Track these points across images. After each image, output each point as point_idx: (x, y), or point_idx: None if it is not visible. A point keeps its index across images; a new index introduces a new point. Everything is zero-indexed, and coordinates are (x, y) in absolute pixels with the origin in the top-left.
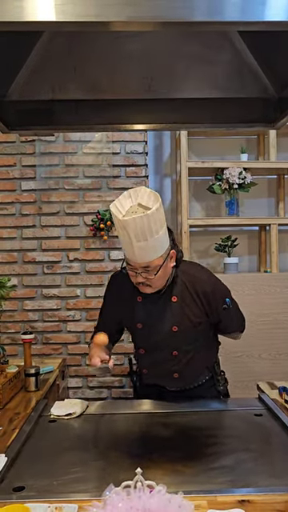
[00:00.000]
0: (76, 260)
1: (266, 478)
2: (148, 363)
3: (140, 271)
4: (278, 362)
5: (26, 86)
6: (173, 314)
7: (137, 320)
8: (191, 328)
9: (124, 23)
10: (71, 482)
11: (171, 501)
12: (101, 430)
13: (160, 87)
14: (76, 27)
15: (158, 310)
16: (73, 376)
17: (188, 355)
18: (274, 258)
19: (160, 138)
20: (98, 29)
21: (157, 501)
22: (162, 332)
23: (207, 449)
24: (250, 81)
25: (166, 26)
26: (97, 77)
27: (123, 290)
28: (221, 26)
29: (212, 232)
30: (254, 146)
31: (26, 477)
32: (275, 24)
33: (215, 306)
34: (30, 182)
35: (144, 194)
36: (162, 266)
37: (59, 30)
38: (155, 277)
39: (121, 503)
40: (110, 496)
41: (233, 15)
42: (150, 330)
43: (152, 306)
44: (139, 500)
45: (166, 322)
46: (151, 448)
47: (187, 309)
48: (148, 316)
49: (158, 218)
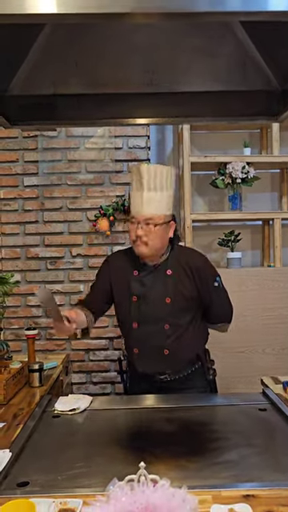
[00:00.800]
0: (79, 255)
1: (271, 473)
2: (139, 339)
3: (142, 224)
4: (281, 356)
5: (28, 80)
6: (167, 287)
7: (132, 293)
8: (183, 301)
9: (127, 15)
10: (75, 477)
11: (175, 495)
12: (104, 425)
13: (162, 81)
14: (78, 19)
15: (153, 282)
16: (76, 371)
17: (178, 331)
18: (278, 252)
19: (162, 132)
20: (101, 21)
21: (160, 495)
22: (156, 303)
23: (211, 444)
24: (253, 73)
25: (169, 18)
26: (98, 71)
27: (119, 267)
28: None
29: (215, 227)
30: (256, 140)
31: (30, 472)
32: (278, 14)
33: (206, 282)
34: (32, 177)
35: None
36: (161, 225)
37: (60, 24)
38: (154, 230)
39: (124, 497)
40: (114, 490)
41: (235, 5)
42: (145, 301)
43: (147, 279)
44: (143, 494)
45: (160, 294)
46: (155, 443)
47: (180, 283)
48: (143, 289)
49: (168, 176)
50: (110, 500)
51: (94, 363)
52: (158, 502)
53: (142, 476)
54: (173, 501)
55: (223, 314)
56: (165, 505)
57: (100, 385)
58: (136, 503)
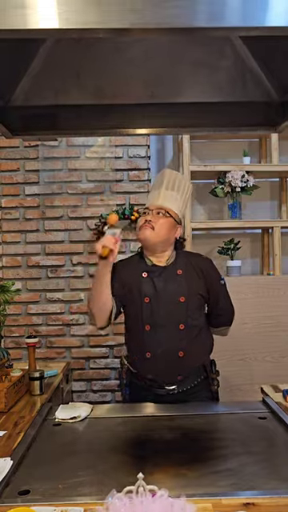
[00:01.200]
0: (79, 264)
1: (271, 481)
2: (153, 342)
3: (153, 212)
4: (281, 364)
5: (30, 91)
6: (179, 286)
7: (144, 294)
8: (197, 299)
9: (127, 30)
10: (76, 485)
11: (174, 505)
12: (105, 434)
13: (163, 92)
14: (79, 34)
15: (165, 282)
16: (77, 380)
17: (193, 332)
18: (277, 260)
19: (162, 141)
20: (101, 36)
21: (159, 505)
22: (170, 303)
23: (211, 452)
24: (253, 85)
25: (169, 33)
26: (100, 82)
27: (127, 271)
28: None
29: (215, 235)
30: (256, 149)
31: (31, 480)
32: (276, 29)
33: (213, 280)
34: (33, 186)
35: None
36: (170, 217)
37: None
38: (163, 218)
39: (123, 509)
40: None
41: (234, 21)
42: (158, 302)
43: (158, 279)
44: (141, 505)
45: (174, 293)
46: (155, 451)
47: (192, 280)
48: (155, 289)
49: (188, 188)
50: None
51: (94, 371)
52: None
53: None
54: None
55: (226, 315)
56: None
57: (100, 393)
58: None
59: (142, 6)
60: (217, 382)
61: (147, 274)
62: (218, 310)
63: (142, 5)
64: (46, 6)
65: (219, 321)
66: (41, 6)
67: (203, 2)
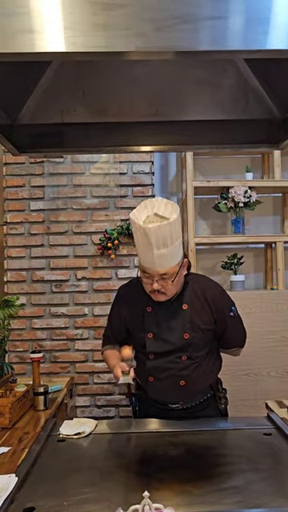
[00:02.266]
0: (84, 279)
1: (277, 499)
2: (156, 368)
3: (157, 279)
4: (286, 379)
5: (37, 110)
6: (184, 322)
7: (147, 330)
8: (201, 335)
9: (132, 53)
10: (81, 502)
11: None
12: (110, 450)
13: (166, 110)
14: (85, 57)
15: (169, 318)
16: (81, 395)
17: (196, 362)
18: (281, 275)
19: (166, 157)
20: (107, 59)
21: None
22: (174, 340)
23: (216, 469)
24: (255, 103)
25: (173, 56)
26: (105, 101)
27: (132, 300)
28: (225, 55)
29: (218, 250)
30: (258, 164)
31: (36, 497)
32: (278, 52)
33: (222, 312)
34: (38, 202)
35: (161, 204)
36: (177, 274)
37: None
38: (172, 284)
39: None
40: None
41: (236, 44)
42: (161, 338)
43: (162, 314)
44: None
45: (178, 330)
46: (160, 468)
47: (197, 316)
48: (159, 325)
49: (178, 226)
50: None
51: (98, 386)
52: None
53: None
54: None
55: (237, 340)
56: None
57: (104, 408)
58: None
59: (146, 31)
60: (224, 400)
61: (151, 309)
62: (227, 338)
63: (146, 29)
64: (53, 30)
65: (229, 344)
66: (48, 31)
67: (206, 26)
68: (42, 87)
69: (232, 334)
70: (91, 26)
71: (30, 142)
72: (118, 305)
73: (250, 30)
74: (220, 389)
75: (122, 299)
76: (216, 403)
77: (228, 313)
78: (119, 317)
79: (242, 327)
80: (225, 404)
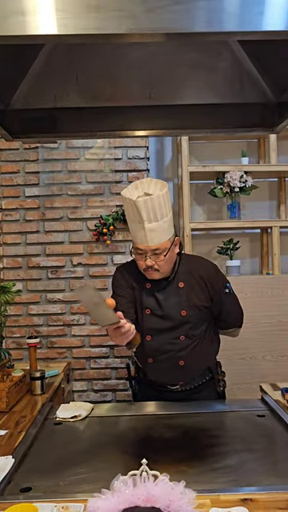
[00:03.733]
0: (80, 265)
1: (269, 478)
2: (154, 349)
3: (150, 254)
4: (281, 363)
5: (29, 94)
6: (181, 299)
7: (145, 305)
8: (198, 312)
9: (124, 36)
10: (77, 482)
11: (174, 488)
12: (105, 432)
13: (161, 94)
14: (77, 40)
15: (167, 295)
16: (78, 379)
17: (194, 341)
18: (276, 260)
19: (161, 142)
20: (99, 41)
21: (160, 488)
22: (172, 317)
23: (211, 449)
24: (249, 86)
25: (166, 38)
26: (98, 85)
27: (130, 278)
28: (220, 37)
29: (214, 235)
30: (254, 149)
31: (32, 478)
32: (273, 33)
33: (218, 289)
34: (33, 188)
35: (150, 183)
36: (169, 250)
37: (61, 42)
38: (164, 259)
39: (127, 490)
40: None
41: (231, 26)
42: (158, 315)
43: (160, 292)
44: (144, 487)
45: (175, 307)
46: (155, 449)
47: (194, 293)
48: (156, 302)
49: (166, 201)
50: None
51: (94, 371)
52: (159, 494)
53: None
54: (172, 493)
55: (234, 319)
56: (165, 496)
57: (101, 392)
58: (138, 495)
59: (138, 12)
60: (223, 382)
61: (150, 286)
62: (223, 316)
63: (138, 11)
64: (45, 12)
65: (227, 324)
66: (40, 13)
67: (198, 7)
68: (34, 71)
69: (228, 311)
70: (83, 8)
71: (23, 127)
72: (118, 280)
73: (244, 10)
74: (219, 371)
75: (122, 275)
76: (214, 386)
77: (223, 290)
78: (122, 294)
79: (238, 305)
80: (223, 386)
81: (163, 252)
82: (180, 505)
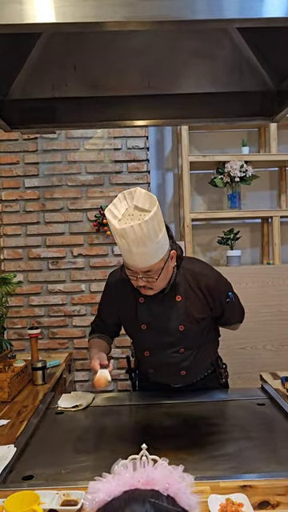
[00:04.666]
0: (80, 255)
1: (268, 465)
2: (154, 364)
3: (141, 276)
4: (281, 352)
5: (28, 84)
6: (179, 313)
7: (141, 321)
8: (196, 325)
9: (121, 23)
10: (78, 470)
11: (172, 472)
12: (106, 421)
13: (160, 83)
14: (75, 28)
15: (163, 310)
16: (79, 370)
17: (194, 351)
18: (277, 250)
19: (161, 132)
20: (96, 29)
21: (159, 471)
22: (169, 332)
23: (210, 437)
24: (249, 75)
25: (163, 26)
26: (97, 74)
27: (123, 291)
28: (219, 24)
29: (214, 225)
30: (255, 138)
31: (34, 466)
32: (273, 20)
33: (218, 300)
34: (33, 179)
35: (140, 196)
36: (163, 269)
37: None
38: (157, 280)
39: (128, 473)
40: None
41: (231, 13)
42: (156, 330)
43: (156, 306)
44: (144, 471)
45: (173, 322)
46: (155, 437)
47: (192, 307)
48: (152, 316)
49: (157, 221)
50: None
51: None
52: (158, 477)
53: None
54: (171, 476)
55: (235, 319)
56: (163, 480)
57: None
58: (138, 478)
59: (136, 0)
60: (225, 374)
61: (144, 300)
62: (225, 319)
63: None
64: (42, 0)
65: (228, 323)
66: (37, 1)
67: None
68: (32, 61)
69: (229, 316)
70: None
71: (22, 117)
72: (108, 294)
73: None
74: (220, 364)
75: (112, 288)
76: (217, 378)
77: (224, 300)
78: (110, 307)
79: (239, 307)
80: (225, 378)
81: (156, 274)
82: (178, 487)
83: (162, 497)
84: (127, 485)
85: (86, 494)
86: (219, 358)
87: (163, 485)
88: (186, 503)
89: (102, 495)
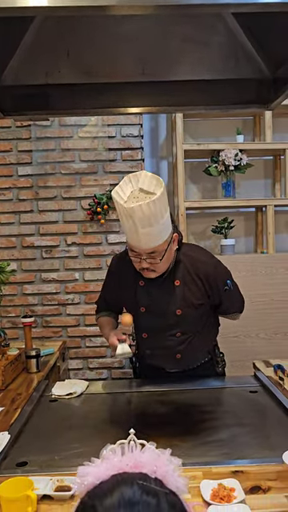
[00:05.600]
0: (74, 244)
1: (260, 450)
2: (151, 346)
3: (145, 257)
4: (274, 341)
5: (20, 70)
6: (176, 298)
7: (140, 304)
8: (194, 310)
9: (116, 7)
10: (71, 456)
11: (160, 455)
12: (100, 409)
13: (154, 70)
14: (68, 12)
15: (162, 293)
16: (73, 358)
17: (191, 336)
18: (271, 238)
19: (156, 120)
20: (89, 13)
21: (147, 455)
22: (166, 315)
23: (203, 424)
24: (244, 62)
25: (158, 10)
26: (90, 60)
27: (124, 273)
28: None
29: (209, 214)
30: (250, 127)
31: (28, 453)
32: (269, 5)
33: (216, 288)
34: (26, 167)
35: (145, 179)
36: (166, 250)
37: (51, 14)
38: (160, 262)
39: (116, 457)
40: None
41: None
42: (154, 313)
43: (155, 289)
44: (132, 454)
45: (170, 306)
46: (149, 424)
47: (190, 292)
48: (151, 300)
49: (163, 202)
50: (103, 460)
51: (90, 349)
52: (145, 461)
53: (132, 441)
54: (158, 460)
55: (234, 308)
56: (151, 463)
57: (96, 370)
58: (126, 462)
59: None
60: (222, 363)
61: (144, 283)
62: (223, 307)
63: None
64: None
65: (227, 312)
66: None
67: None
68: (24, 46)
69: (228, 304)
70: None
71: (15, 104)
72: (110, 276)
73: None
74: (217, 353)
75: (115, 271)
76: (214, 366)
77: (222, 288)
78: (112, 289)
79: (239, 296)
80: (222, 367)
81: (159, 255)
82: (166, 470)
83: (150, 479)
84: (115, 468)
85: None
86: (216, 347)
87: (151, 468)
88: (174, 485)
89: (91, 479)
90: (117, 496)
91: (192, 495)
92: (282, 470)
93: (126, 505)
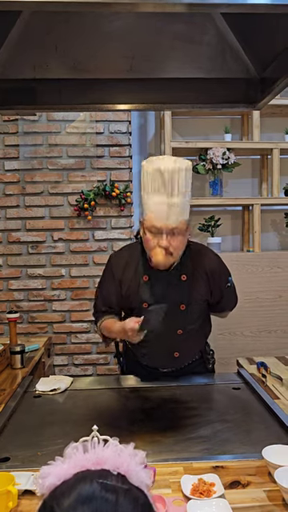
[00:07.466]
0: (60, 240)
1: (241, 446)
2: (149, 343)
3: (167, 232)
4: (259, 338)
5: (7, 64)
6: (181, 293)
7: (143, 299)
8: (197, 306)
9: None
10: (54, 452)
11: (123, 450)
12: (84, 405)
13: (142, 66)
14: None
15: (166, 288)
16: (58, 354)
17: (190, 333)
18: (257, 237)
19: (144, 117)
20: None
21: (110, 451)
22: (169, 310)
23: (186, 420)
24: (232, 61)
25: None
26: (78, 56)
27: (125, 270)
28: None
29: (195, 212)
30: (237, 125)
31: (11, 448)
32: (257, 6)
33: (219, 284)
34: (13, 161)
35: (170, 159)
36: (184, 233)
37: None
38: (180, 239)
39: (80, 455)
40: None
41: None
42: None
43: (159, 285)
44: (94, 451)
45: (174, 301)
46: (132, 420)
47: (194, 287)
48: (155, 295)
49: (188, 177)
50: (65, 459)
51: (75, 346)
52: (108, 457)
53: (95, 437)
54: (122, 455)
55: (230, 306)
56: (114, 458)
57: (82, 367)
58: (88, 459)
59: None
60: (212, 360)
61: (148, 278)
62: (221, 305)
63: None
64: None
65: (221, 310)
66: None
67: None
68: (12, 40)
69: (226, 302)
70: None
71: (2, 98)
72: (111, 275)
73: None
74: (208, 350)
75: (116, 268)
76: (204, 363)
77: (225, 284)
78: (114, 288)
79: (235, 295)
80: (212, 364)
81: (180, 233)
82: (129, 465)
83: (112, 476)
84: (78, 467)
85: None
86: (207, 344)
87: (114, 464)
88: (137, 480)
89: (52, 479)
90: (74, 495)
91: (172, 490)
92: (262, 466)
93: (84, 501)
